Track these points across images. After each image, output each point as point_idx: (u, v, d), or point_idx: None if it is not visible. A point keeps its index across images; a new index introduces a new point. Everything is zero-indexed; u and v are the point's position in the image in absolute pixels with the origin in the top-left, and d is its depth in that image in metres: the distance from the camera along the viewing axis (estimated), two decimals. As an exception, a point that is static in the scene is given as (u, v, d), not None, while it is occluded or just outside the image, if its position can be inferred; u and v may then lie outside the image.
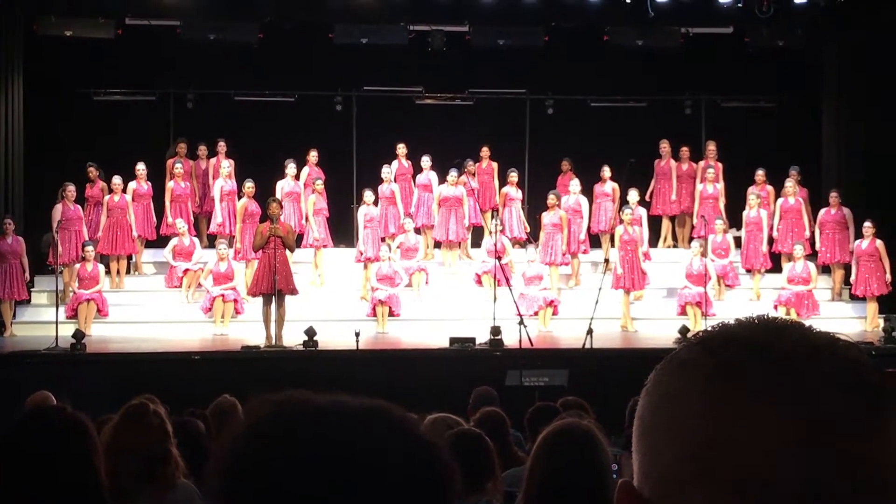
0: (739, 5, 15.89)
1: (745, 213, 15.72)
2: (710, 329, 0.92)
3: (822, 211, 15.55)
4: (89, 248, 14.55)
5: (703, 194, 16.17)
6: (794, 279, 14.76)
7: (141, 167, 15.72)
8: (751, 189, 15.89)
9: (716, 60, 17.36)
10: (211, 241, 15.80)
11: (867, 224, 14.78)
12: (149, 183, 15.79)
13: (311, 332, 12.51)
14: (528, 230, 16.29)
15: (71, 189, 14.99)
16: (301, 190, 15.91)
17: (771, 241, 15.67)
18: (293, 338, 12.77)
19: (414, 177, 16.41)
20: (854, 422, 0.83)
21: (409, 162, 16.50)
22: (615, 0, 15.76)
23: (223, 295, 14.38)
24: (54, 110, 16.47)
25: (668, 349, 0.94)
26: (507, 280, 13.70)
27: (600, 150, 16.84)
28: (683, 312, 14.56)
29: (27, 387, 7.69)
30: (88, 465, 2.86)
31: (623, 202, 15.71)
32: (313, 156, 16.31)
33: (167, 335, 13.97)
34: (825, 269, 15.60)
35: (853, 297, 15.25)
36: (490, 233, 14.67)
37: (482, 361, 12.35)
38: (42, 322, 13.89)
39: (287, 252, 13.14)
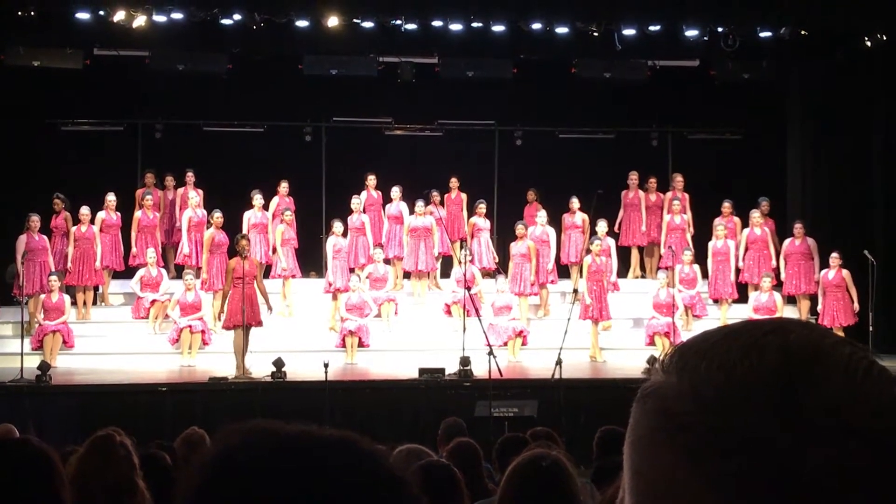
0: (705, 39, 16.06)
1: (711, 244, 15.83)
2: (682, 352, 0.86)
3: (787, 242, 15.68)
4: (54, 279, 14.40)
5: (671, 225, 16.28)
6: (760, 309, 14.84)
7: (111, 197, 15.63)
8: (717, 220, 16.02)
9: (682, 93, 17.54)
10: (178, 272, 15.71)
11: (834, 255, 14.91)
12: (118, 213, 15.70)
13: (279, 363, 12.44)
14: (497, 260, 16.33)
15: (35, 219, 14.84)
16: (269, 220, 15.86)
17: (738, 271, 15.77)
18: (261, 369, 12.70)
19: (384, 207, 16.43)
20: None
21: (379, 192, 16.50)
22: (583, 33, 15.88)
23: (190, 326, 14.28)
24: (21, 140, 16.37)
25: (637, 379, 0.93)
26: (477, 310, 13.68)
27: (569, 182, 16.92)
28: (652, 342, 14.61)
29: (-9, 419, 7.62)
30: (54, 497, 2.83)
31: (592, 233, 15.79)
32: (283, 187, 16.27)
33: (134, 367, 13.84)
34: (790, 300, 15.71)
35: (819, 328, 15.34)
36: (459, 263, 14.68)
37: (451, 392, 12.35)
38: (7, 353, 13.72)
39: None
